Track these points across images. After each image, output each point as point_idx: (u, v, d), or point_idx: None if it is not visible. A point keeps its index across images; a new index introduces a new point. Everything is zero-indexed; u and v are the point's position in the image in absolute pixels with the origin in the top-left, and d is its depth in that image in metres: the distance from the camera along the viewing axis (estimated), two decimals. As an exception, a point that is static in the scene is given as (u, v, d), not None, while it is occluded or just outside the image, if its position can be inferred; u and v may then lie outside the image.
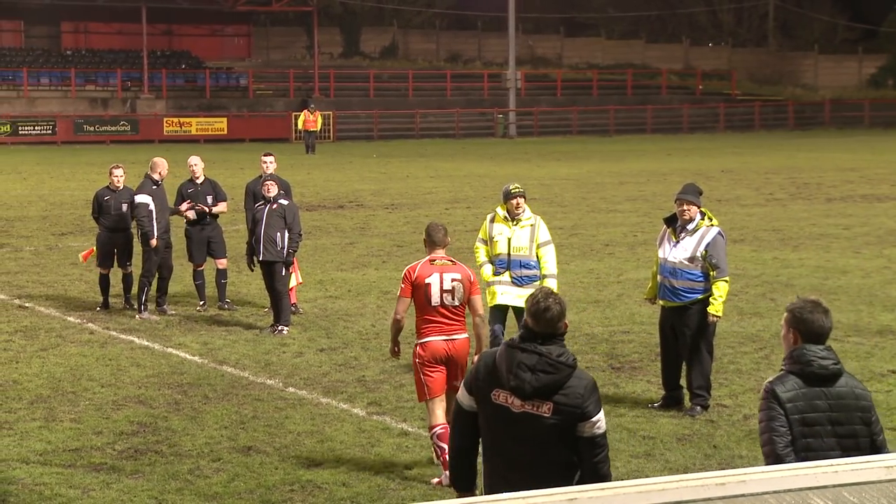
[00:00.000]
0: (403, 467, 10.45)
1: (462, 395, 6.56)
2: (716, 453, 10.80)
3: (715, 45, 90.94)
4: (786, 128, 75.45)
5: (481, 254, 13.09)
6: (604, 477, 6.20)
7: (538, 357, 6.23)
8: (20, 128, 60.84)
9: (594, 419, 6.23)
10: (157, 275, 17.41)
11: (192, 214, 17.68)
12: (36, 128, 61.25)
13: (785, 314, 6.39)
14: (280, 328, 15.87)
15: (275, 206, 15.99)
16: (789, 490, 4.26)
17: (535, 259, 12.78)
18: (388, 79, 74.64)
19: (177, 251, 19.11)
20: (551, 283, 12.51)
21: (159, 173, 17.33)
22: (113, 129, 62.27)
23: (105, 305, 17.63)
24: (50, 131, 61.27)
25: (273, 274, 15.94)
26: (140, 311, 17.15)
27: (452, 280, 10.31)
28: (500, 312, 13.11)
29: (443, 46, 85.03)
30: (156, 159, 17.66)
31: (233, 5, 72.45)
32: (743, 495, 4.20)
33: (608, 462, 6.31)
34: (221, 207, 17.88)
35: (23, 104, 64.44)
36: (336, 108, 66.19)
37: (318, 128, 56.21)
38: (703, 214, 12.56)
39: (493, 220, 13.00)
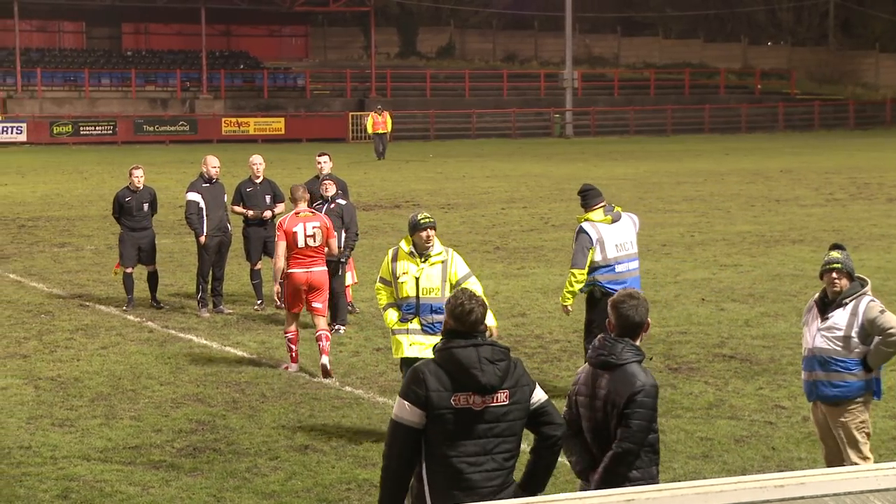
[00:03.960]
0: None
1: (406, 413, 6.24)
2: (774, 455, 10.72)
3: (774, 43, 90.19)
4: (846, 127, 74.68)
5: (384, 296, 10.92)
6: (562, 437, 6.47)
7: (491, 347, 6.31)
8: (81, 128, 61.48)
9: (536, 389, 6.48)
10: (211, 275, 17.52)
11: (251, 213, 17.77)
12: (97, 128, 61.87)
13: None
14: (337, 327, 15.94)
15: (332, 205, 16.07)
16: (849, 493, 4.22)
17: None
18: (445, 79, 74.68)
19: (234, 250, 19.25)
20: (490, 321, 10.36)
21: (209, 170, 17.45)
22: (172, 129, 62.77)
23: (130, 303, 17.81)
24: (111, 131, 61.85)
25: (329, 273, 16.01)
26: (198, 310, 17.30)
27: (313, 227, 13.96)
28: (408, 366, 10.50)
29: (499, 46, 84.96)
30: (206, 156, 17.83)
31: (290, 6, 72.80)
32: (802, 498, 4.17)
33: (561, 419, 6.57)
34: (280, 208, 17.96)
35: (84, 105, 65.12)
36: (393, 108, 66.34)
37: (389, 129, 51.39)
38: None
39: (395, 258, 10.75)
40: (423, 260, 10.65)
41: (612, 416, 6.68)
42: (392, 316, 10.84)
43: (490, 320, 10.24)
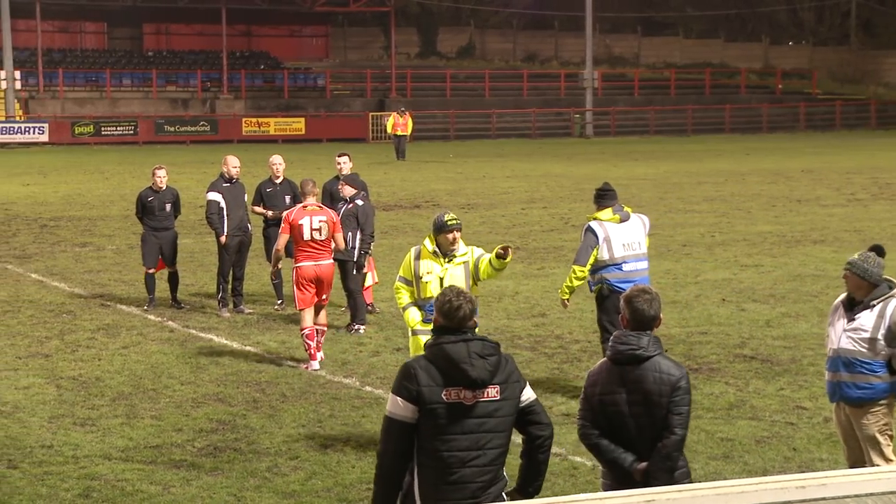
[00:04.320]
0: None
1: (399, 408, 6.32)
2: (795, 456, 10.69)
3: (795, 43, 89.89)
4: (867, 127, 74.37)
5: (404, 296, 10.72)
6: (552, 436, 6.55)
7: (482, 343, 6.38)
8: (103, 128, 61.68)
9: (527, 385, 6.55)
10: (232, 274, 17.55)
11: (271, 213, 17.81)
12: (118, 128, 62.06)
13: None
14: (356, 327, 15.95)
15: (350, 205, 16.07)
16: (871, 494, 4.21)
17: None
18: (465, 79, 74.67)
19: (254, 250, 19.29)
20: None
21: (229, 170, 17.49)
22: (193, 129, 62.92)
23: (151, 303, 17.84)
24: (132, 132, 62.04)
25: (345, 273, 16.07)
26: (218, 309, 17.34)
27: (320, 221, 14.25)
28: None
29: (519, 46, 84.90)
30: (226, 156, 17.89)
31: (311, 6, 72.91)
32: (823, 499, 4.16)
33: (549, 418, 6.63)
34: (299, 208, 17.96)
35: (105, 105, 65.34)
36: (413, 108, 66.33)
37: (410, 131, 50.64)
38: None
39: (419, 257, 10.61)
40: (447, 260, 10.45)
41: (656, 407, 6.77)
42: (414, 315, 10.63)
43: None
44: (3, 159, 50.94)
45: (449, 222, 10.40)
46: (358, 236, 15.94)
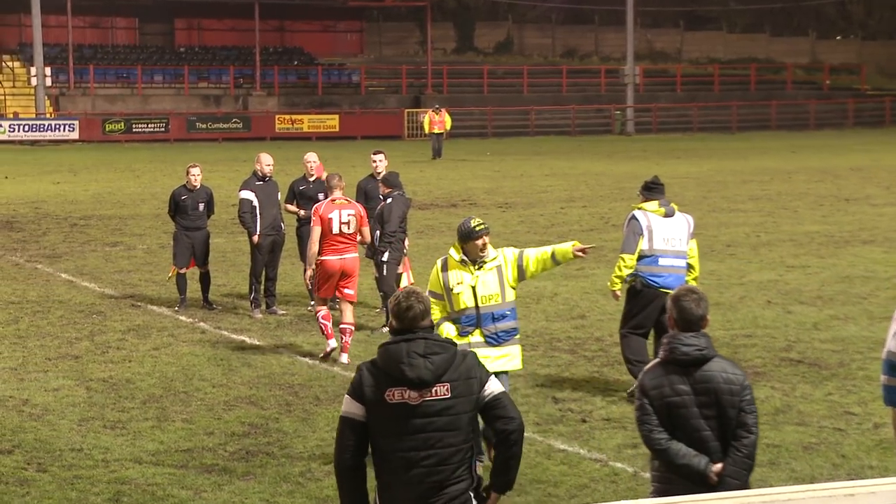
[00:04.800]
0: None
1: (350, 406, 6.49)
2: (844, 463, 10.61)
3: (843, 37, 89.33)
4: (918, 124, 73.85)
5: (435, 311, 10.01)
6: (520, 428, 6.50)
7: (424, 341, 6.43)
8: (134, 125, 62.06)
9: (490, 381, 6.53)
10: (264, 275, 17.60)
11: (303, 212, 17.85)
12: (149, 125, 62.42)
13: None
14: (388, 330, 15.94)
15: (383, 202, 16.17)
16: (923, 503, 4.16)
17: (510, 306, 10.18)
18: (503, 75, 74.65)
19: (287, 250, 19.33)
20: (560, 245, 10.44)
21: (262, 167, 17.55)
22: (225, 126, 63.20)
23: (182, 304, 17.89)
24: (163, 129, 62.39)
25: (378, 273, 16.15)
26: (251, 310, 17.39)
27: (349, 215, 14.68)
28: None
29: (559, 41, 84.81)
30: (259, 154, 17.92)
31: (345, 1, 73.07)
32: (874, 508, 4.12)
33: (519, 414, 6.59)
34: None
35: (137, 102, 65.72)
36: (449, 104, 66.41)
37: (447, 129, 50.48)
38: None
39: (446, 268, 10.15)
40: (477, 267, 10.06)
41: (729, 407, 6.81)
42: (449, 330, 10.11)
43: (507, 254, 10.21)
44: (33, 157, 51.34)
45: (476, 228, 9.99)
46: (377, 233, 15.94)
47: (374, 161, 17.55)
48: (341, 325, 14.61)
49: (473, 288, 10.05)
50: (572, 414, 12.20)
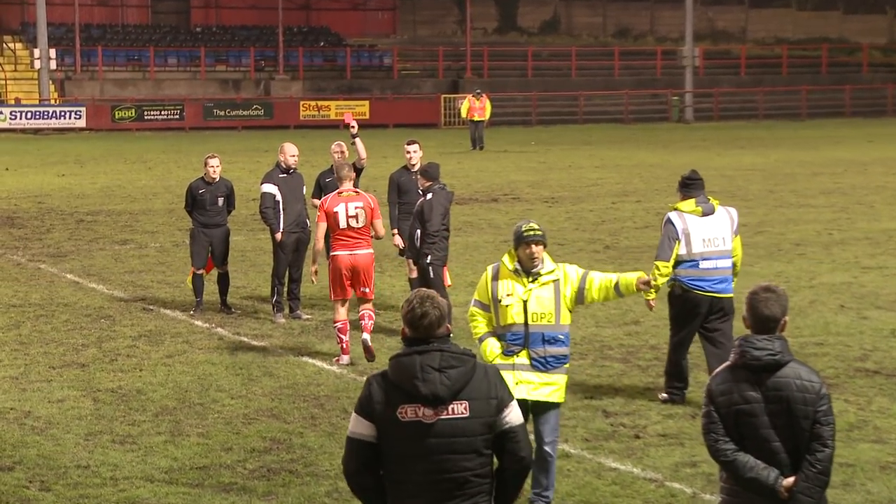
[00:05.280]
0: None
1: (358, 426, 6.42)
2: (925, 485, 10.54)
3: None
4: None
5: (480, 324, 9.98)
6: (527, 468, 6.44)
7: (440, 354, 6.31)
8: (145, 112, 62.40)
9: (510, 405, 6.42)
10: (288, 276, 17.60)
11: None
12: (162, 112, 62.75)
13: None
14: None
15: (421, 199, 15.82)
16: None
17: (564, 330, 9.90)
18: (549, 57, 74.56)
19: (314, 249, 19.34)
20: (626, 275, 10.25)
21: (286, 159, 17.49)
22: (245, 113, 63.45)
23: (199, 307, 17.91)
24: (177, 116, 62.70)
25: (424, 278, 15.76)
26: (273, 315, 17.42)
27: (356, 208, 14.72)
28: None
29: (610, 20, 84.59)
30: (283, 144, 17.90)
31: (376, -24, 73.20)
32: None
33: (531, 452, 6.52)
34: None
35: (149, 86, 66.05)
36: (490, 89, 66.41)
37: (488, 116, 49.95)
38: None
39: (497, 276, 9.87)
40: (531, 279, 9.75)
41: (802, 418, 6.79)
42: (493, 348, 9.86)
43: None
44: (37, 147, 51.71)
45: (526, 233, 9.70)
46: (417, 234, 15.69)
47: (408, 152, 17.51)
48: (360, 310, 14.99)
49: (525, 302, 9.74)
50: (625, 429, 12.17)
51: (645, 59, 75.68)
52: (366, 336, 14.69)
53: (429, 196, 15.68)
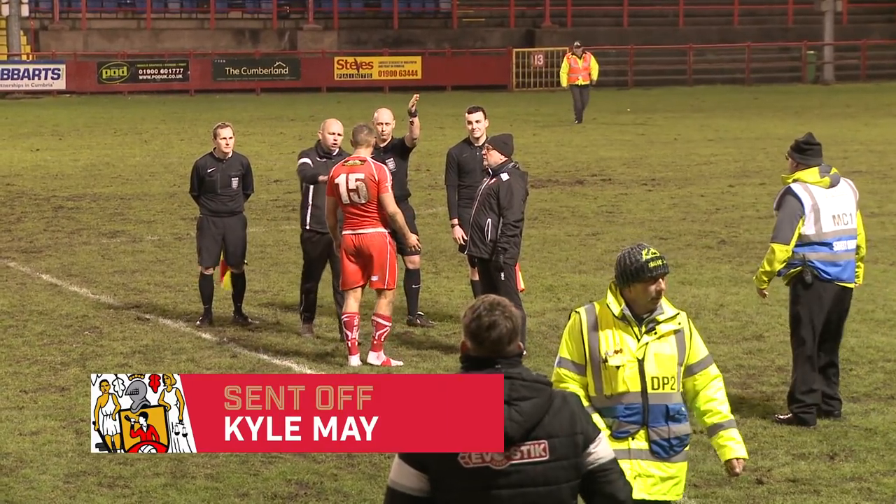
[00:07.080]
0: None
1: (402, 475, 6.34)
2: None
3: None
4: None
5: (572, 389, 8.60)
6: (626, 502, 6.42)
7: (509, 382, 6.22)
8: (140, 71, 62.56)
9: (598, 439, 6.40)
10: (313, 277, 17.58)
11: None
12: (161, 71, 62.92)
13: None
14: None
15: (492, 181, 15.61)
16: None
17: (682, 400, 8.84)
18: (650, 1, 74.32)
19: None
20: (732, 436, 9.11)
21: (326, 138, 17.05)
22: (265, 72, 63.53)
23: (207, 317, 17.93)
24: (180, 76, 62.87)
25: (488, 277, 15.73)
26: (300, 327, 17.45)
27: (356, 180, 15.26)
28: None
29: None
30: (326, 121, 17.48)
31: None
32: None
33: (630, 494, 6.49)
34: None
35: (144, 39, 66.30)
36: (572, 41, 66.25)
37: (594, 79, 48.21)
38: None
39: (596, 326, 8.73)
40: (645, 329, 8.65)
41: None
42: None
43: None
44: (4, 114, 51.93)
45: (651, 264, 8.54)
46: (497, 224, 15.55)
47: (471, 122, 17.49)
48: (372, 318, 15.60)
49: (640, 362, 8.62)
50: (744, 472, 12.14)
51: (772, 5, 75.26)
52: (372, 357, 15.54)
53: (504, 176, 15.48)
